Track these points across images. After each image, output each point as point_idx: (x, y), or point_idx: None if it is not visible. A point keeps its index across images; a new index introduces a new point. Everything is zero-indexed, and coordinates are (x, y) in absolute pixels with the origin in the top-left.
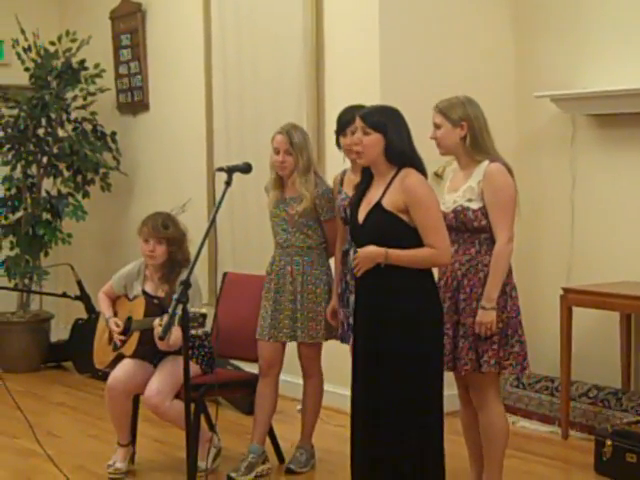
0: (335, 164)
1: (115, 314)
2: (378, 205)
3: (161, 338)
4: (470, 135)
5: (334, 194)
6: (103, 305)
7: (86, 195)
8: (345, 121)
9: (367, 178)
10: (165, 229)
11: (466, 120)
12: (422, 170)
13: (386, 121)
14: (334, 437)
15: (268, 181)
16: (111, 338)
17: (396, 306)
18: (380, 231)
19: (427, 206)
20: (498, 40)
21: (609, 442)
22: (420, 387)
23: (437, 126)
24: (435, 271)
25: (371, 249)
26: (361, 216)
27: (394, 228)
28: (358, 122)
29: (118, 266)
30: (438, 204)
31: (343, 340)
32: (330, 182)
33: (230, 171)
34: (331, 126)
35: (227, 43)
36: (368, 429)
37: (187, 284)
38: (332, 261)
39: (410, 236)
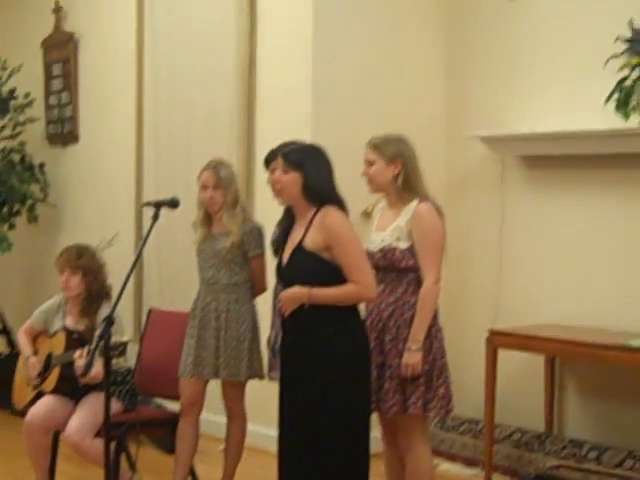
0: (265, 200)
1: (36, 352)
2: (299, 246)
3: (83, 375)
4: (403, 173)
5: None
6: (22, 343)
7: (12, 227)
8: (269, 158)
9: (290, 217)
10: (78, 258)
11: (400, 158)
12: (343, 208)
13: (304, 159)
14: (257, 478)
15: (196, 218)
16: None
17: (321, 346)
18: (303, 272)
19: (348, 243)
20: (430, 80)
21: None
22: (346, 424)
23: (370, 163)
24: (362, 311)
25: (294, 290)
26: (285, 257)
27: (316, 268)
28: (279, 161)
29: (42, 299)
30: (359, 240)
31: (265, 377)
32: (259, 218)
33: (157, 206)
34: (261, 162)
35: (160, 76)
36: (292, 469)
37: (110, 320)
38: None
39: (333, 274)
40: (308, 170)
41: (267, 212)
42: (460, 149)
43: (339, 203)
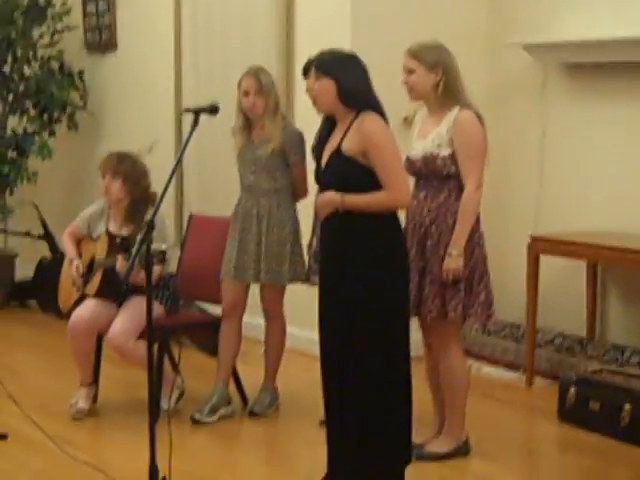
0: (305, 108)
1: (80, 255)
2: (337, 150)
3: (123, 282)
4: (444, 81)
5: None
6: (67, 246)
7: (52, 134)
8: (306, 68)
9: (329, 123)
10: (119, 164)
11: (441, 65)
12: (381, 113)
13: (336, 66)
14: (298, 380)
15: (235, 124)
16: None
17: (357, 251)
18: (340, 176)
19: (383, 148)
20: None
21: (573, 389)
22: (385, 329)
23: (410, 70)
24: (402, 216)
25: (328, 195)
26: (324, 161)
27: (353, 173)
28: (313, 69)
29: (83, 206)
30: (395, 147)
31: (307, 281)
32: (300, 125)
33: (196, 112)
34: (300, 68)
35: None
36: (334, 369)
37: (151, 225)
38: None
39: (370, 180)
40: (340, 76)
41: (307, 119)
42: (501, 57)
43: (377, 108)
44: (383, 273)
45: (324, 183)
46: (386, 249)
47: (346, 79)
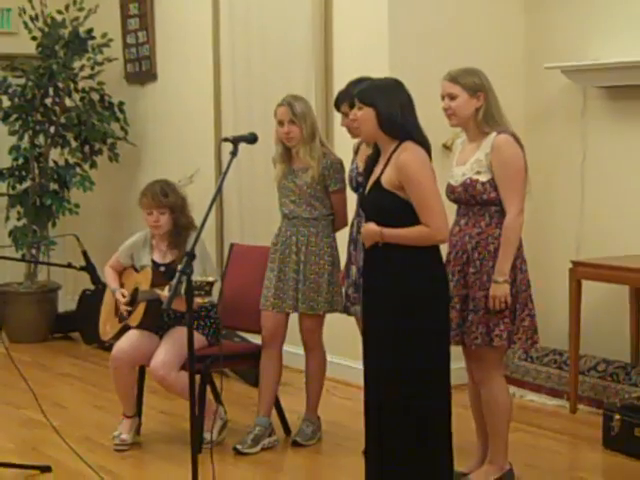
0: (344, 136)
1: (122, 286)
2: (377, 182)
3: (165, 310)
4: (485, 106)
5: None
6: (109, 278)
7: (94, 165)
8: (339, 100)
9: (377, 151)
10: (165, 197)
11: (482, 90)
12: (423, 142)
13: (377, 94)
14: (341, 409)
15: (275, 153)
16: (117, 309)
17: (397, 282)
18: (379, 209)
19: (419, 183)
20: (508, 10)
21: (618, 416)
22: (424, 361)
23: (452, 96)
24: (444, 245)
25: (369, 228)
26: (368, 188)
27: (392, 206)
28: (355, 99)
29: (125, 237)
30: (432, 180)
31: (345, 311)
32: (339, 154)
33: (235, 141)
34: None
35: (235, 11)
36: (376, 400)
37: (191, 255)
38: (340, 233)
39: (410, 214)
40: (381, 104)
41: (347, 147)
42: (540, 81)
43: (419, 138)
44: (424, 305)
45: (366, 210)
46: (427, 281)
47: (386, 107)
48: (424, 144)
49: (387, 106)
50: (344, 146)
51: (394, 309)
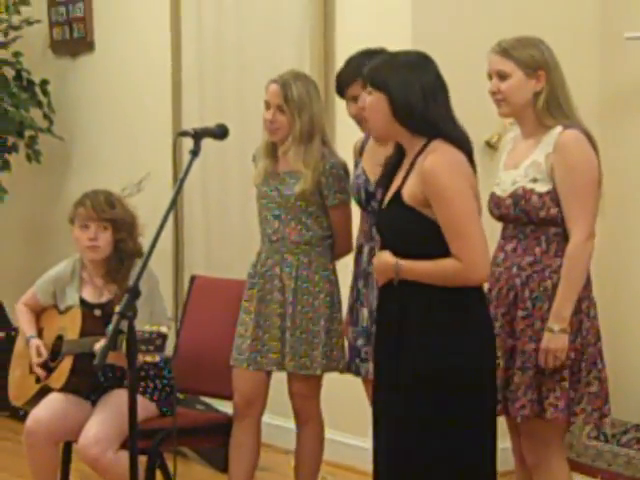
0: (348, 130)
1: (40, 332)
2: (397, 195)
3: (96, 367)
4: (547, 90)
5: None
6: (23, 320)
7: (5, 167)
8: (343, 81)
9: (399, 151)
10: (111, 208)
11: (544, 68)
12: (460, 141)
13: (391, 73)
14: None
15: (258, 147)
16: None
17: (423, 330)
18: (398, 231)
19: (450, 199)
20: None
21: None
22: (462, 445)
23: (503, 75)
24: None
25: (382, 258)
26: (386, 202)
27: (416, 228)
28: (366, 80)
29: (46, 264)
30: (469, 195)
31: (349, 370)
32: (342, 154)
33: (198, 136)
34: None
35: None
36: None
37: (135, 291)
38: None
39: (438, 238)
40: (394, 87)
41: (351, 145)
42: (620, 57)
43: (454, 135)
44: (459, 361)
45: (383, 230)
46: (463, 329)
47: (402, 92)
48: (462, 143)
49: (403, 90)
50: (348, 143)
51: (421, 364)
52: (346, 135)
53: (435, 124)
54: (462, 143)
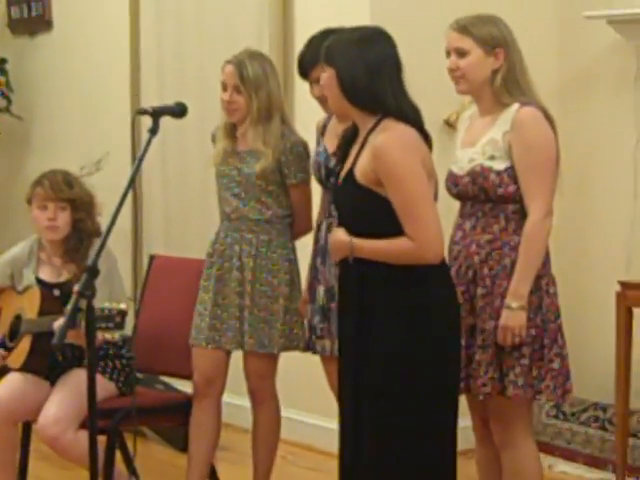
0: (307, 109)
1: None
2: (350, 173)
3: (54, 346)
4: (505, 67)
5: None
6: None
7: None
8: (308, 62)
9: (355, 126)
10: (69, 188)
11: (502, 46)
12: (409, 118)
13: (340, 48)
14: None
15: (217, 127)
16: None
17: (386, 308)
18: (353, 208)
19: (401, 178)
20: None
21: None
22: (425, 417)
23: (461, 52)
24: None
25: (337, 237)
26: (341, 178)
27: (369, 206)
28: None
29: (6, 246)
30: (420, 174)
31: (308, 348)
32: (302, 133)
33: (156, 114)
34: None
35: None
36: (354, 468)
37: (93, 270)
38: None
39: (392, 216)
40: (340, 62)
41: (310, 124)
42: (579, 36)
43: (403, 112)
44: (423, 338)
45: (339, 210)
46: (427, 305)
47: (346, 67)
48: (412, 119)
49: (347, 65)
50: (308, 122)
51: (385, 341)
52: (306, 115)
53: (379, 99)
54: (412, 118)
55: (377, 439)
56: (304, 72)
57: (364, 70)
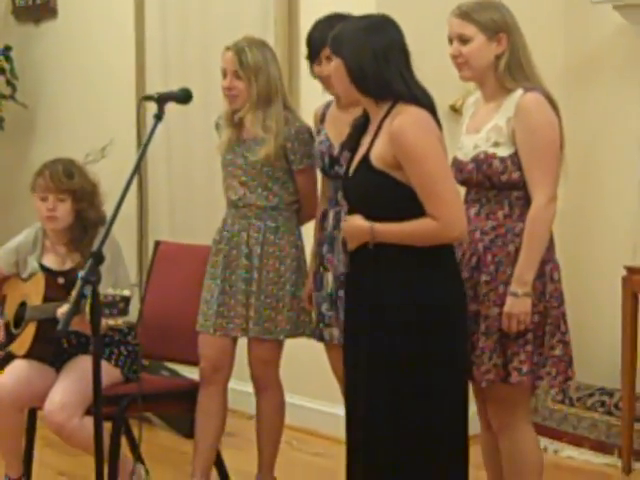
0: (312, 96)
1: (3, 300)
2: (365, 159)
3: (59, 332)
4: (509, 53)
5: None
6: None
7: None
8: (318, 42)
9: (366, 114)
10: (69, 179)
11: (505, 31)
12: (422, 102)
13: (346, 38)
14: (308, 468)
15: (221, 115)
16: None
17: (397, 294)
18: (368, 195)
19: (423, 157)
20: None
21: None
22: (434, 408)
23: (464, 39)
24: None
25: (354, 223)
26: (352, 167)
27: (386, 192)
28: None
29: (9, 234)
30: (441, 155)
31: (314, 335)
32: (306, 119)
33: (161, 100)
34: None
35: None
36: (364, 458)
37: (98, 256)
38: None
39: (410, 201)
40: (347, 52)
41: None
42: (585, 21)
43: (416, 96)
44: (432, 325)
45: (350, 196)
46: (440, 296)
47: (354, 56)
48: (424, 102)
49: (355, 54)
50: (312, 108)
51: (391, 337)
52: (311, 101)
53: (390, 86)
54: (423, 102)
55: (391, 406)
56: (316, 52)
57: (372, 58)
